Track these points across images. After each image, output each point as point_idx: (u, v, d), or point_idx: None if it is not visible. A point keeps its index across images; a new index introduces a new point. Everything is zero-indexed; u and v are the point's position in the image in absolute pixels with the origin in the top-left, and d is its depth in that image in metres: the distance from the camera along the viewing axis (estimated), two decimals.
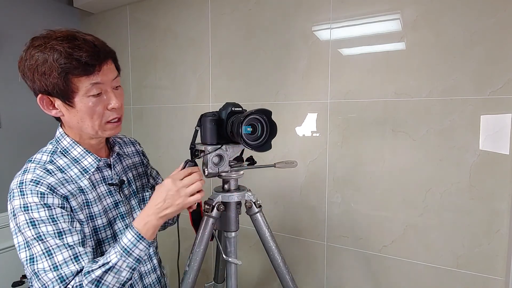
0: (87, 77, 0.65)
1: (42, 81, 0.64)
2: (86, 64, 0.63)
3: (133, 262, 0.65)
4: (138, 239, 0.65)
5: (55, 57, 0.62)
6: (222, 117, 0.81)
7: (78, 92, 0.65)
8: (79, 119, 0.68)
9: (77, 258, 0.63)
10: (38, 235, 0.62)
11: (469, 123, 1.08)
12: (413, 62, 1.15)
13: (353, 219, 1.31)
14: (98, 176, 0.76)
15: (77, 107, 0.67)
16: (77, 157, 0.73)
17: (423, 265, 1.19)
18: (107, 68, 0.68)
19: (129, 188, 0.83)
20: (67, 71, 0.63)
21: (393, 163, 1.21)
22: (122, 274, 0.64)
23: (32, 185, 0.64)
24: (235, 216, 0.87)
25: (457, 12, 1.07)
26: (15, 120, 1.68)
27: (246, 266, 1.57)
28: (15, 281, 1.54)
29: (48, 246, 0.62)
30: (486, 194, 1.08)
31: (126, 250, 0.64)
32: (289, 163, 0.89)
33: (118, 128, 0.74)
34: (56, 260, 0.62)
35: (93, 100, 0.67)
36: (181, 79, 1.69)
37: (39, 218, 0.62)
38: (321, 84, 1.32)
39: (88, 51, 0.63)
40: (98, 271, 0.61)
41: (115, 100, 0.69)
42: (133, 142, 0.95)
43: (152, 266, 0.85)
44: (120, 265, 0.63)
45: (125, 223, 0.78)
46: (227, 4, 1.51)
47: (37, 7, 1.78)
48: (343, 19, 1.26)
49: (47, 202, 0.63)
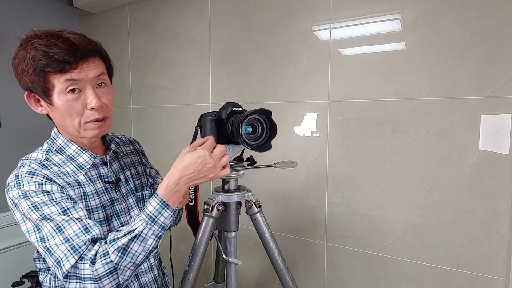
0: (61, 74, 0.64)
1: (23, 79, 0.66)
2: (59, 61, 0.62)
3: (159, 229, 0.64)
4: (163, 207, 0.65)
5: (32, 54, 0.63)
6: (222, 117, 0.81)
7: (54, 89, 0.65)
8: (60, 117, 0.68)
9: (87, 229, 0.63)
10: (43, 215, 0.62)
11: (469, 123, 1.08)
12: (413, 62, 1.15)
13: (353, 219, 1.31)
14: (95, 173, 0.75)
15: (55, 104, 0.66)
16: (72, 154, 0.72)
17: (423, 265, 1.19)
18: (86, 66, 0.66)
19: (127, 186, 0.82)
20: (41, 68, 0.63)
21: (393, 163, 1.21)
22: (148, 242, 0.63)
23: (28, 176, 0.64)
24: (235, 216, 0.87)
25: (457, 12, 1.07)
26: (15, 120, 1.68)
27: (246, 266, 1.57)
28: (15, 281, 1.54)
29: (57, 223, 0.62)
30: (486, 194, 1.08)
31: (151, 217, 0.64)
32: (289, 163, 0.89)
33: (101, 128, 0.71)
34: (67, 234, 0.61)
35: (69, 97, 0.66)
36: (181, 79, 1.69)
37: (40, 202, 0.63)
38: (321, 84, 1.32)
39: (63, 48, 0.63)
40: (124, 239, 0.61)
41: (95, 99, 0.67)
42: (132, 142, 0.94)
43: (149, 265, 0.83)
44: (146, 233, 0.63)
45: (121, 222, 0.77)
46: (227, 4, 1.52)
47: (37, 7, 1.78)
48: (343, 19, 1.26)
49: (45, 188, 0.64)
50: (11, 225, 1.63)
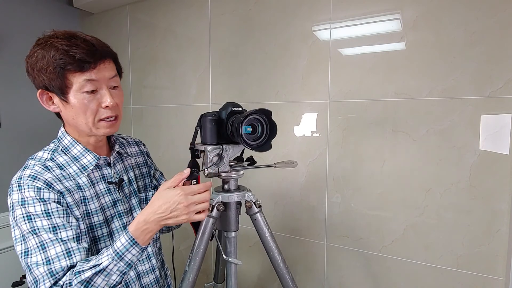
0: (81, 73, 0.67)
1: (40, 76, 0.68)
2: (80, 61, 0.66)
3: (124, 266, 0.64)
4: (132, 244, 0.64)
5: (52, 53, 0.65)
6: (222, 117, 0.81)
7: (72, 87, 0.67)
8: (73, 115, 0.70)
9: (69, 254, 0.64)
10: (32, 229, 0.64)
11: (469, 123, 1.08)
12: (413, 62, 1.15)
13: (353, 219, 1.31)
14: (98, 174, 0.77)
15: (71, 102, 0.69)
16: (76, 155, 0.74)
17: (423, 265, 1.19)
18: (103, 67, 0.70)
19: (130, 187, 0.84)
20: (62, 66, 0.65)
21: (393, 163, 1.21)
22: (112, 277, 0.63)
23: (30, 180, 0.66)
24: (235, 216, 0.87)
25: (457, 12, 1.07)
26: (15, 120, 1.68)
27: (246, 266, 1.57)
28: (15, 281, 1.54)
29: (42, 240, 0.63)
30: (486, 194, 1.08)
31: (118, 254, 0.63)
32: (289, 163, 0.89)
33: (113, 127, 0.74)
34: (49, 254, 0.63)
35: (86, 96, 0.68)
36: (181, 79, 1.69)
37: (34, 213, 0.64)
38: (321, 84, 1.32)
39: (84, 49, 0.66)
40: (88, 273, 0.61)
41: (110, 98, 0.70)
42: (138, 143, 0.96)
43: (151, 266, 0.84)
44: (111, 268, 0.63)
45: (123, 222, 0.78)
46: (227, 4, 1.52)
47: (37, 7, 1.78)
48: (343, 19, 1.26)
49: (43, 196, 0.66)
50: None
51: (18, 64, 1.63)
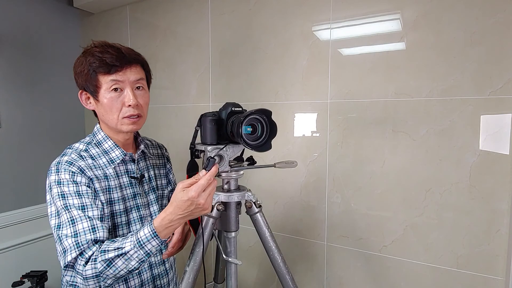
0: (109, 74, 0.78)
1: (79, 78, 0.81)
2: (109, 64, 0.77)
3: (143, 255, 0.70)
4: (153, 236, 0.69)
5: (89, 59, 0.79)
6: (222, 117, 0.81)
7: (101, 87, 0.79)
8: (103, 112, 0.82)
9: (94, 229, 0.74)
10: (65, 205, 0.74)
11: (469, 123, 1.08)
12: (413, 62, 1.15)
13: (353, 219, 1.31)
14: (123, 168, 0.87)
15: (101, 101, 0.80)
16: (107, 149, 0.86)
17: (423, 265, 1.19)
18: (129, 70, 0.80)
19: (149, 184, 0.93)
20: (94, 69, 0.78)
21: (393, 163, 1.21)
22: (131, 263, 0.70)
23: (66, 164, 0.78)
24: (235, 216, 0.87)
25: (457, 12, 1.07)
26: (15, 120, 1.68)
27: (246, 266, 1.57)
28: (15, 281, 1.54)
29: (72, 216, 0.74)
30: (486, 194, 1.08)
31: (140, 242, 0.69)
32: (289, 163, 0.89)
33: (135, 124, 0.84)
34: (77, 228, 0.73)
35: (112, 95, 0.80)
36: (181, 79, 1.69)
37: (67, 192, 0.75)
38: (321, 84, 1.32)
39: (113, 55, 0.78)
40: (112, 253, 0.69)
41: (132, 98, 0.80)
42: (161, 147, 1.06)
43: (161, 259, 0.92)
44: (131, 254, 0.69)
45: (139, 214, 0.88)
46: (227, 4, 1.52)
47: (37, 7, 1.78)
48: (343, 19, 1.26)
49: (76, 179, 0.77)
50: (11, 225, 1.63)
51: (18, 64, 1.63)
